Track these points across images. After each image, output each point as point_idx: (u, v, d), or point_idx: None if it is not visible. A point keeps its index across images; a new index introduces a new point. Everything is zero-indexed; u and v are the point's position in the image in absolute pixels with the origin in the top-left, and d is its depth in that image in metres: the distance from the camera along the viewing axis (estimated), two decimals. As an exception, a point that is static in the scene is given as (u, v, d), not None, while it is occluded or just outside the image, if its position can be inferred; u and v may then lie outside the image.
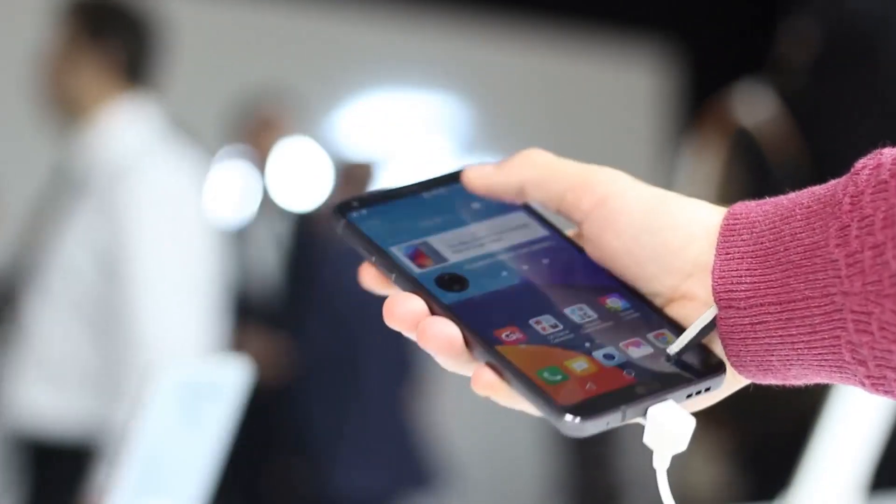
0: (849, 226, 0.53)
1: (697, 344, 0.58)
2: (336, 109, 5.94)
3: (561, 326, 0.58)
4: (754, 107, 2.62)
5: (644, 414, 0.55)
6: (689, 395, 0.57)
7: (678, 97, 6.93)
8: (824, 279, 0.53)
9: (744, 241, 0.57)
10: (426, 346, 0.57)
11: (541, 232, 0.63)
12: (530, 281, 0.60)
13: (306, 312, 3.96)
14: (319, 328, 3.91)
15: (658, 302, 0.60)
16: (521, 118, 6.42)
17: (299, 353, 3.94)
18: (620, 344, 0.58)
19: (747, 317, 0.56)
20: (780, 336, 0.55)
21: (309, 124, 5.23)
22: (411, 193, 0.64)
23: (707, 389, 0.57)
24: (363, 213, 0.62)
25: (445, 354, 0.57)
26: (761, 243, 0.56)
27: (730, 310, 0.56)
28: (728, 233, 0.57)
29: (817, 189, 0.56)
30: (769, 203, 0.58)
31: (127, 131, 2.45)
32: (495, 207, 0.64)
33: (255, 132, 4.21)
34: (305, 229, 4.17)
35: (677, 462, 0.56)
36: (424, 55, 6.22)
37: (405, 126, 6.17)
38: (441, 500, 4.25)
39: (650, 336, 0.59)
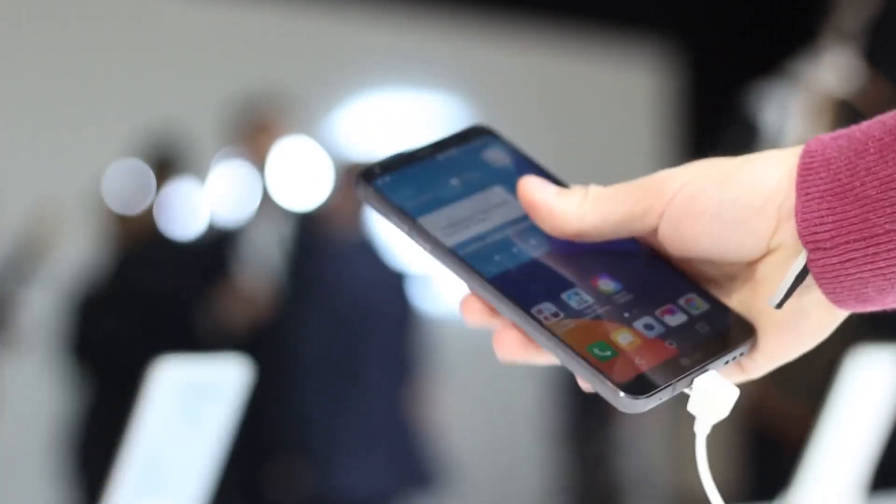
0: None
1: (726, 309, 0.59)
2: (336, 109, 5.93)
3: (594, 299, 0.59)
4: (843, 76, 2.62)
5: (690, 385, 0.57)
6: (727, 362, 0.58)
7: (678, 97, 6.93)
8: None
9: (822, 178, 0.57)
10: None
11: None
12: (555, 252, 0.61)
13: (307, 312, 3.96)
14: (320, 328, 3.91)
15: (750, 261, 0.60)
16: (521, 118, 6.42)
17: (300, 353, 3.94)
18: (656, 312, 0.59)
19: (835, 255, 0.56)
20: (871, 270, 0.56)
21: (309, 124, 5.23)
22: (431, 154, 0.64)
23: (741, 354, 0.59)
24: (387, 179, 0.62)
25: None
26: (839, 180, 0.56)
27: (818, 251, 0.57)
28: (805, 172, 0.58)
29: (887, 119, 0.57)
30: (843, 136, 0.58)
31: None
32: (512, 167, 0.64)
33: (250, 136, 4.21)
34: (306, 229, 4.17)
35: (677, 462, 0.57)
36: (424, 55, 6.22)
37: (405, 126, 6.17)
38: (441, 500, 4.25)
39: (681, 302, 0.60)
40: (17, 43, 5.11)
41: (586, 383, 0.57)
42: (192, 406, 1.19)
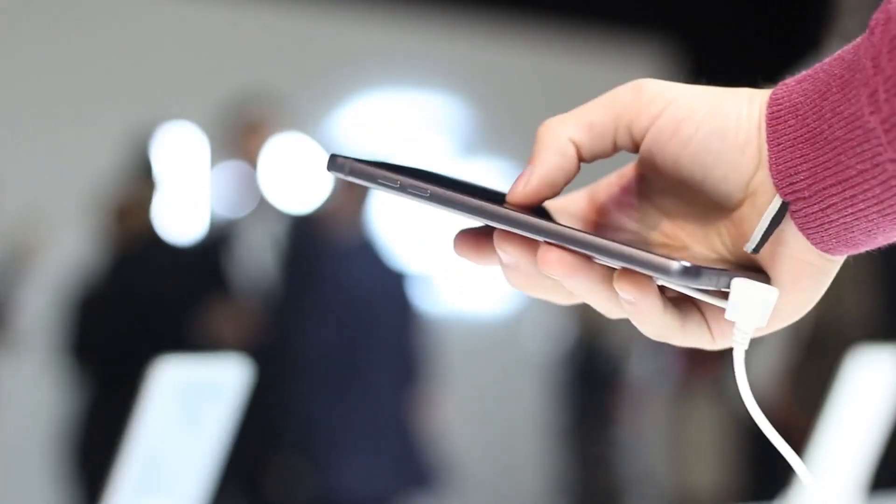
0: (876, 91, 0.52)
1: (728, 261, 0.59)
2: (336, 109, 5.94)
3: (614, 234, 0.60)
4: None
5: (728, 286, 0.56)
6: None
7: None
8: (870, 149, 0.53)
9: (791, 126, 0.56)
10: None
11: None
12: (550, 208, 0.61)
13: (307, 313, 3.96)
14: (320, 328, 3.91)
15: (731, 204, 0.59)
16: (521, 118, 6.42)
17: (300, 354, 3.94)
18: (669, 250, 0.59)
19: (815, 203, 0.55)
20: (853, 213, 0.55)
21: (309, 125, 5.23)
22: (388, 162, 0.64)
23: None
24: (361, 158, 0.60)
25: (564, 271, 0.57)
26: (807, 125, 0.55)
27: (798, 202, 0.56)
28: (774, 121, 0.57)
29: (845, 54, 0.55)
30: (807, 79, 0.57)
31: None
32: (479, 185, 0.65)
33: (241, 138, 4.21)
34: (306, 230, 4.17)
35: (677, 462, 0.56)
36: (424, 55, 6.22)
37: (405, 126, 6.17)
38: (441, 500, 4.25)
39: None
40: (15, 43, 5.11)
41: (632, 270, 0.55)
42: (192, 406, 1.19)
